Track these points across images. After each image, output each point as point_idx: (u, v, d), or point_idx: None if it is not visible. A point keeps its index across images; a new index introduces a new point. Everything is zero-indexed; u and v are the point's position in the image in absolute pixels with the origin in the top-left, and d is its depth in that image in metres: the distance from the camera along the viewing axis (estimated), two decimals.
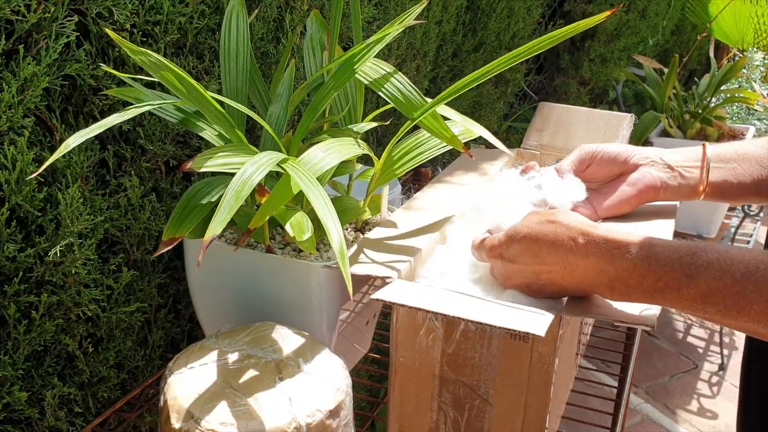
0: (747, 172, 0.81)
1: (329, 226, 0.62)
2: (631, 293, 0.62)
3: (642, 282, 0.61)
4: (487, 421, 0.70)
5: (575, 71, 2.29)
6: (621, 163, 0.82)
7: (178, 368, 0.65)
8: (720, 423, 2.05)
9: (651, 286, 0.61)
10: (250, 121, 0.96)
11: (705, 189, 0.80)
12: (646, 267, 0.61)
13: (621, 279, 0.62)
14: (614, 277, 0.62)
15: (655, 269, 0.60)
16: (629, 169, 0.82)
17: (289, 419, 0.59)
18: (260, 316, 0.76)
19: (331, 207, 0.63)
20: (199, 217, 0.70)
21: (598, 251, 0.63)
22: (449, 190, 0.93)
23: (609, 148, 0.83)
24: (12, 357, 0.76)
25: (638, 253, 0.61)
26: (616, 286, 0.62)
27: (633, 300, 0.63)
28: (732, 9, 2.44)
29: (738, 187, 0.81)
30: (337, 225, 0.62)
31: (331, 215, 0.62)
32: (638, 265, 0.61)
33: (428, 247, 0.78)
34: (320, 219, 0.62)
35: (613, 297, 0.64)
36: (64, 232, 0.76)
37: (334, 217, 0.62)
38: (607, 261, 0.62)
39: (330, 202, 0.63)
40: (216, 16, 0.90)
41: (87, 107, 0.79)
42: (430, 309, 0.64)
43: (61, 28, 0.73)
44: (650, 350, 2.36)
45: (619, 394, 0.94)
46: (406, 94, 0.74)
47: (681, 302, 0.60)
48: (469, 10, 1.59)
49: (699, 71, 3.28)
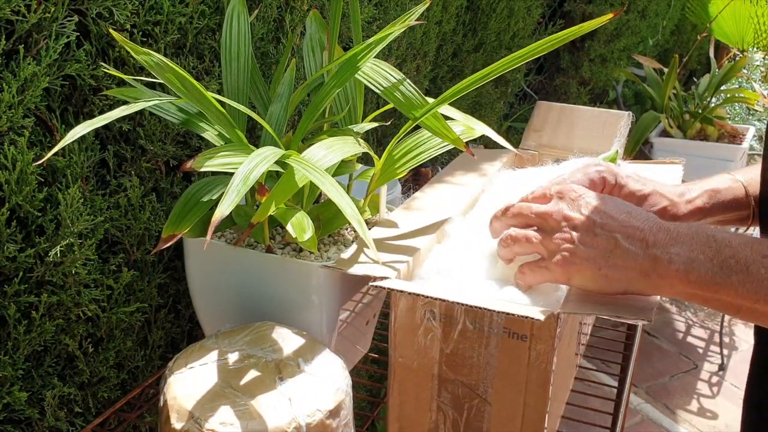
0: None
1: (343, 205, 0.64)
2: (693, 269, 0.61)
3: (714, 257, 0.61)
4: (486, 421, 0.70)
5: (575, 71, 2.29)
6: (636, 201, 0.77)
7: (178, 368, 0.65)
8: (720, 423, 2.05)
9: (722, 262, 0.60)
10: (251, 121, 0.96)
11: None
12: (724, 243, 0.61)
13: (692, 247, 0.61)
14: (685, 243, 0.62)
15: (733, 246, 0.61)
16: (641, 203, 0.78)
17: (289, 419, 0.59)
18: (260, 316, 0.76)
19: (341, 190, 0.65)
20: (199, 214, 0.70)
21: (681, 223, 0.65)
22: (449, 189, 0.93)
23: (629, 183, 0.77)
24: (12, 357, 0.76)
25: (719, 231, 0.62)
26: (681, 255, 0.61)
27: (690, 278, 0.61)
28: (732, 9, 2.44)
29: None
30: (350, 202, 0.64)
31: (343, 198, 0.64)
32: (717, 239, 0.61)
33: (426, 247, 0.78)
34: (332, 200, 0.64)
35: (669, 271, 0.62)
36: (64, 232, 0.76)
37: (346, 198, 0.64)
38: (686, 228, 0.63)
39: (338, 185, 0.64)
40: (216, 16, 0.90)
41: (87, 107, 0.79)
42: (428, 295, 0.65)
43: (61, 28, 0.73)
44: (650, 350, 2.36)
45: (619, 394, 0.94)
46: (406, 94, 0.74)
47: (744, 285, 0.60)
48: (469, 10, 1.59)
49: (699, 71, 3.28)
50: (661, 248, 0.62)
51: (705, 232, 0.63)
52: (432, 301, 0.67)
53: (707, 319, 2.56)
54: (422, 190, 0.93)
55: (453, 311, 0.67)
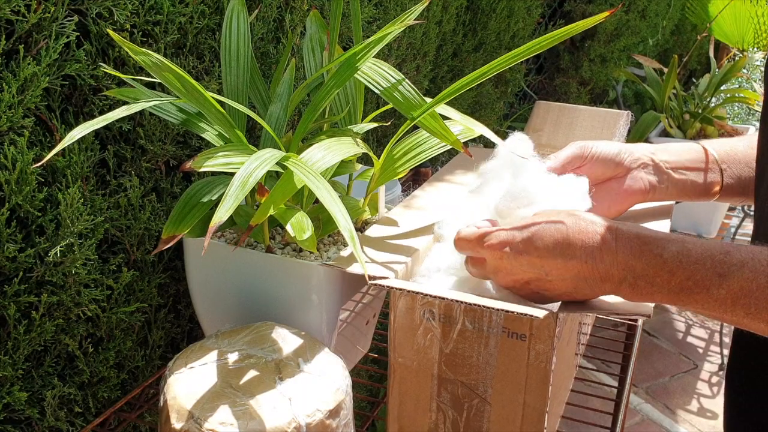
0: (735, 174, 0.81)
1: (336, 215, 0.62)
2: (654, 293, 0.60)
3: (670, 280, 0.59)
4: (486, 421, 0.70)
5: (575, 71, 2.29)
6: (614, 167, 0.81)
7: (178, 368, 0.65)
8: (720, 423, 2.05)
9: (679, 285, 0.59)
10: (250, 121, 0.97)
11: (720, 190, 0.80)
12: (676, 264, 0.59)
13: (647, 277, 0.60)
14: (640, 275, 0.60)
15: (685, 266, 0.59)
16: (620, 172, 0.81)
17: (289, 419, 0.59)
18: (260, 316, 0.76)
19: (335, 196, 0.64)
20: (198, 215, 0.70)
21: (628, 248, 0.61)
22: (448, 188, 0.93)
23: (603, 148, 0.81)
24: (12, 357, 0.76)
25: (669, 249, 0.59)
26: (640, 284, 0.60)
27: (655, 300, 0.62)
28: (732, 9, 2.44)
29: (726, 188, 0.81)
30: (344, 212, 0.63)
31: (337, 205, 0.63)
32: (668, 261, 0.59)
33: (426, 246, 0.78)
34: (326, 208, 0.63)
35: (633, 297, 0.62)
36: (64, 232, 0.76)
37: (340, 206, 0.63)
38: (636, 257, 0.60)
39: (334, 192, 0.64)
40: (216, 16, 0.90)
41: (87, 107, 0.79)
42: (427, 293, 0.65)
43: (61, 28, 0.73)
44: (650, 350, 2.36)
45: (619, 394, 0.94)
46: (405, 94, 0.74)
47: (708, 303, 0.59)
48: (469, 10, 1.59)
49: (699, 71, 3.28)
50: (615, 284, 0.62)
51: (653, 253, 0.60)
52: (431, 301, 0.68)
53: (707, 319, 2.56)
54: (422, 187, 0.93)
55: (452, 311, 0.67)
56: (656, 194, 0.81)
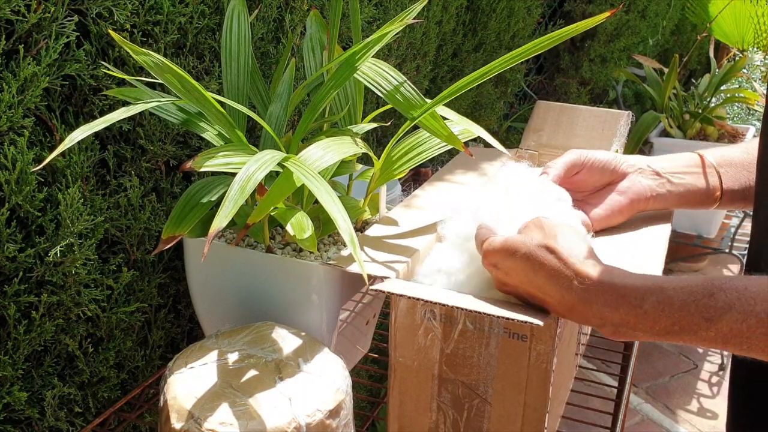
0: (735, 177, 0.81)
1: (336, 216, 0.62)
2: (638, 336, 0.60)
3: (654, 326, 0.58)
4: (486, 421, 0.70)
5: (575, 71, 2.29)
6: (610, 172, 0.81)
7: (178, 368, 0.65)
8: (720, 423, 2.05)
9: (664, 329, 0.58)
10: (251, 121, 0.96)
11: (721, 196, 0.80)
12: (658, 313, 0.58)
13: (628, 324, 0.59)
14: (620, 323, 0.59)
15: (668, 314, 0.57)
16: (618, 177, 0.81)
17: (289, 419, 0.59)
18: (260, 316, 0.76)
19: (335, 197, 0.63)
20: (198, 216, 0.70)
21: (600, 298, 0.59)
22: (449, 188, 0.93)
23: (599, 155, 0.81)
24: (12, 357, 0.76)
25: (648, 300, 0.58)
26: (621, 330, 0.59)
27: (640, 340, 0.61)
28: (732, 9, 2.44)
29: (727, 193, 0.81)
30: (344, 213, 0.62)
31: (336, 205, 0.63)
32: (649, 312, 0.58)
33: (426, 246, 0.78)
34: (326, 209, 0.62)
35: (616, 338, 0.61)
36: (64, 232, 0.76)
37: (339, 207, 0.63)
38: (611, 309, 0.59)
39: (333, 193, 0.63)
40: (216, 16, 0.90)
41: (87, 107, 0.79)
42: (428, 299, 0.64)
43: (61, 28, 0.73)
44: (650, 350, 2.36)
45: (619, 394, 0.94)
46: (405, 94, 0.74)
47: (697, 342, 0.58)
48: (469, 10, 1.59)
49: (699, 71, 3.28)
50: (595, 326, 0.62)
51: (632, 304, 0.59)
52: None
53: None
54: (422, 187, 0.93)
55: (453, 311, 0.67)
56: (657, 200, 0.81)
